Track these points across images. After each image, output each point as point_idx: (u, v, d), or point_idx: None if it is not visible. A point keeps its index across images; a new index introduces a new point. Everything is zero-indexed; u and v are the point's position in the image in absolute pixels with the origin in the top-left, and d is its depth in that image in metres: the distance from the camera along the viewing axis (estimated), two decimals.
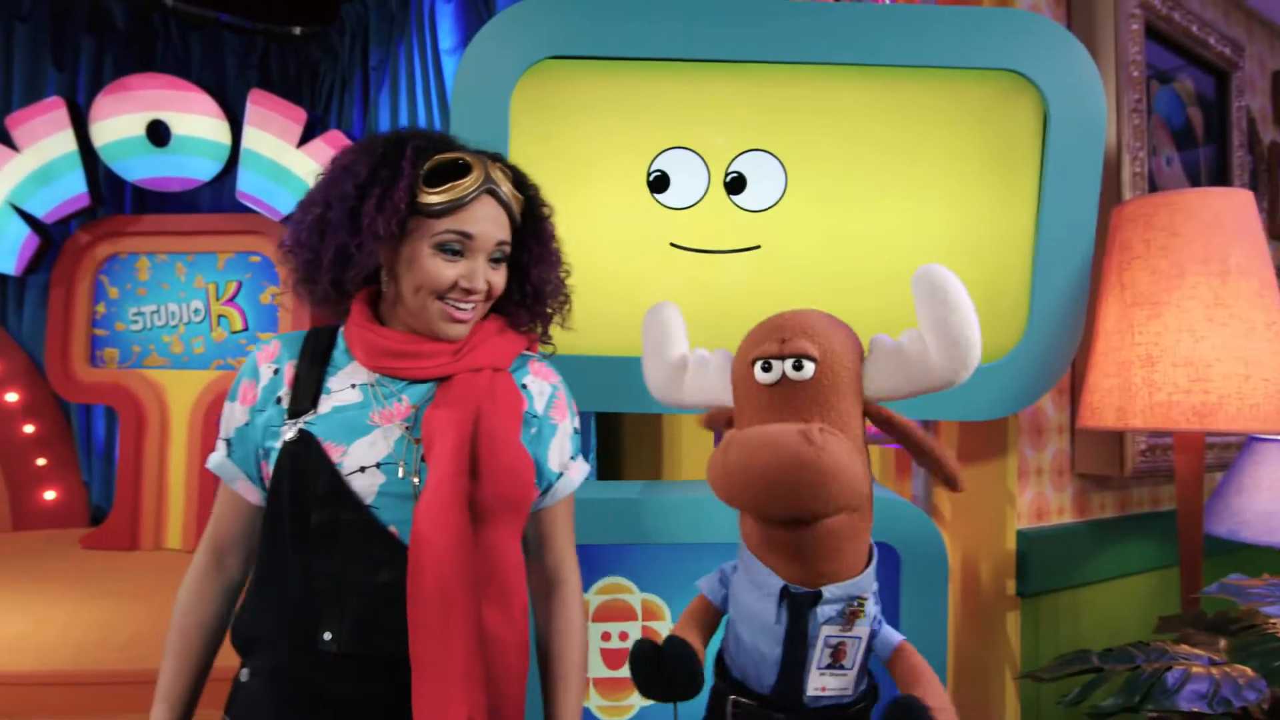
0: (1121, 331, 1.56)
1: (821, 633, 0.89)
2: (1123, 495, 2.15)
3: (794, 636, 0.90)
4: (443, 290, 1.01)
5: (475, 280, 1.02)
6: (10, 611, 3.34)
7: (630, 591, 1.56)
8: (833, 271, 1.61)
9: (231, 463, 1.05)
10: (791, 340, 0.88)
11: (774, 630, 0.91)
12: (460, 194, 1.00)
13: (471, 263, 1.02)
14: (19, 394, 5.04)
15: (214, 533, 1.08)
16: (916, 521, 1.55)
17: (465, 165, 1.02)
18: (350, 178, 0.99)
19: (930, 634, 1.54)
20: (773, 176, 1.59)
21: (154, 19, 5.35)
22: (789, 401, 0.88)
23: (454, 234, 1.00)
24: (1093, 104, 1.55)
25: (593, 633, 1.53)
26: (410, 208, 0.99)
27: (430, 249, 1.00)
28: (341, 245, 0.99)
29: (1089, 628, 2.00)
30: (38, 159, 4.49)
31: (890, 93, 1.59)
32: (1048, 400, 1.96)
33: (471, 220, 1.01)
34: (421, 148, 1.02)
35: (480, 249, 1.02)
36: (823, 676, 0.91)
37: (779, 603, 0.90)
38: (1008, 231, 1.61)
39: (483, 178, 1.02)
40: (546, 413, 1.13)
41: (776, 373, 0.88)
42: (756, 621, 0.94)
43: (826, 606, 0.90)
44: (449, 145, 1.05)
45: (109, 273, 4.81)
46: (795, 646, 0.90)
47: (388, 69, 4.39)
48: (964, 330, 0.84)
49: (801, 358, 0.87)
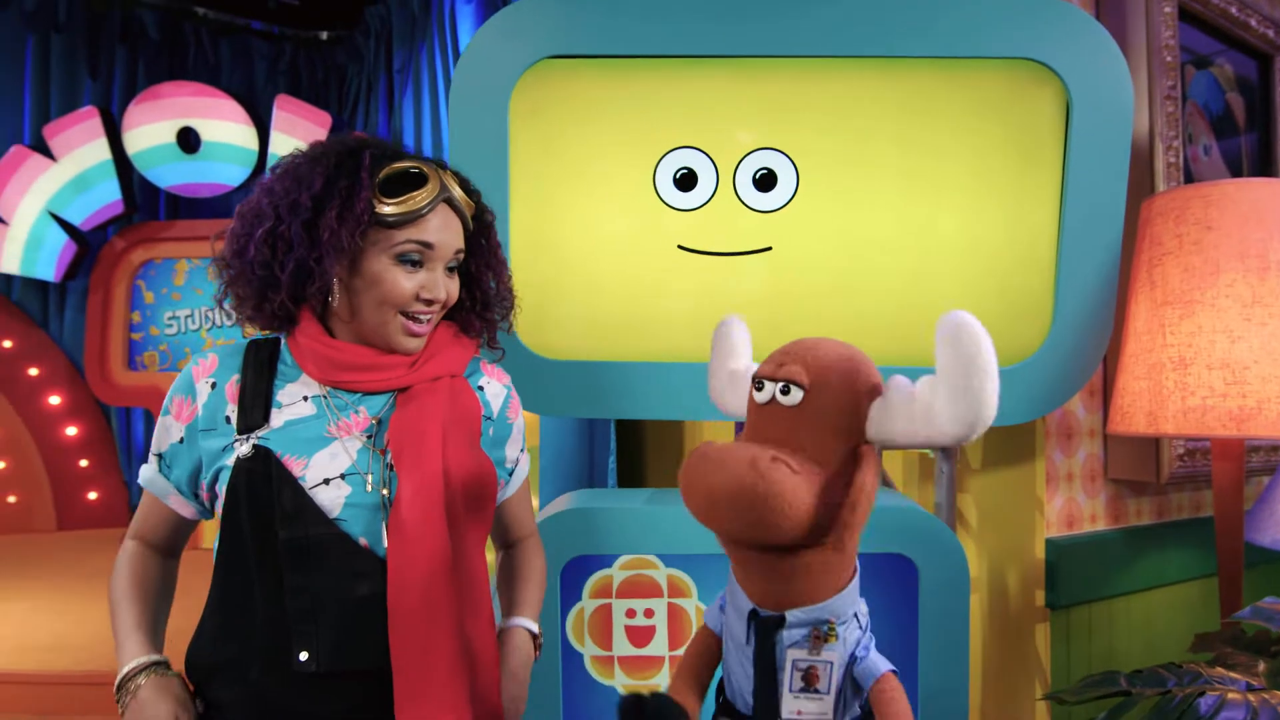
0: (1152, 332, 1.48)
1: (788, 656, 0.88)
2: (1160, 501, 2.05)
3: (762, 658, 0.90)
4: (404, 302, 0.99)
5: (436, 290, 1.00)
6: (50, 612, 3.42)
7: (655, 567, 1.52)
8: (846, 273, 1.55)
9: (164, 479, 1.03)
10: (786, 365, 0.88)
11: (745, 651, 0.92)
12: (418, 204, 0.97)
13: (431, 273, 1.00)
14: (61, 397, 5.17)
15: (141, 533, 1.06)
16: (934, 532, 1.49)
17: (421, 175, 0.99)
18: (303, 188, 0.95)
19: (951, 650, 1.48)
20: (784, 176, 1.54)
21: (185, 27, 5.43)
22: (773, 425, 0.87)
23: (414, 244, 0.98)
24: (1119, 92, 1.46)
25: (617, 610, 1.51)
26: (369, 219, 0.96)
27: (390, 260, 0.98)
28: (300, 260, 0.95)
29: (1124, 641, 1.92)
30: (74, 167, 4.59)
31: (904, 86, 1.52)
32: (1077, 403, 1.88)
33: (430, 230, 0.99)
34: (378, 157, 0.99)
35: (439, 258, 1.01)
36: (797, 700, 0.90)
37: (748, 624, 0.91)
38: (1030, 228, 1.53)
39: (439, 187, 1.00)
40: (504, 413, 1.15)
41: (767, 394, 0.88)
42: (734, 642, 0.95)
43: (792, 630, 0.89)
44: (400, 154, 1.02)
45: (145, 278, 4.90)
46: (764, 668, 0.90)
47: (410, 71, 4.39)
48: (984, 393, 0.77)
49: (790, 383, 0.86)
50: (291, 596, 0.93)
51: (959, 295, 1.54)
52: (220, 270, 1.01)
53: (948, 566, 1.48)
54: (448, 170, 1.05)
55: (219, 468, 0.98)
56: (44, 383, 5.13)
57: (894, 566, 1.49)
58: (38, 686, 2.78)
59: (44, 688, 2.78)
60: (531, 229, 1.54)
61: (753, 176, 1.54)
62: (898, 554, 1.47)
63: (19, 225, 4.62)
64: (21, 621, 3.29)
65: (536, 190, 1.54)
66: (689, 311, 1.56)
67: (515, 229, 1.52)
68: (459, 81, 1.49)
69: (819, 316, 1.54)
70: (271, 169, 1.01)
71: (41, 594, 3.67)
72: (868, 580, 1.50)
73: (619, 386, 1.53)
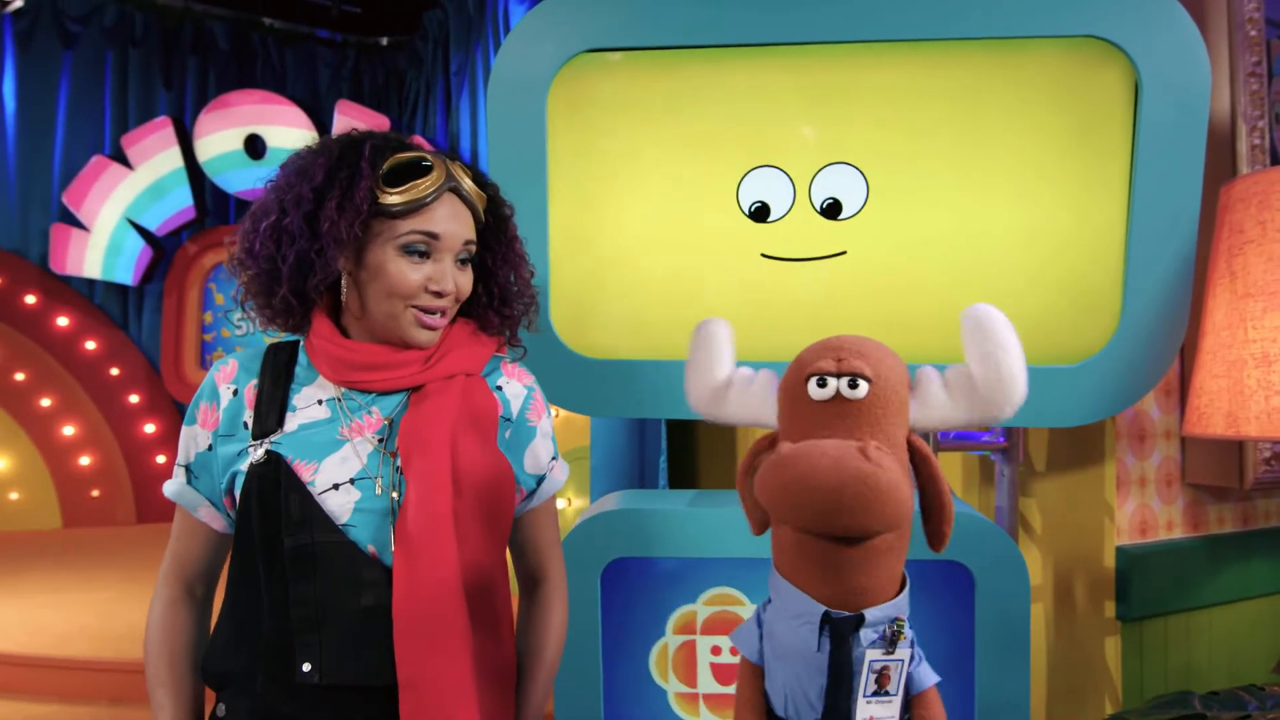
0: (1232, 326, 1.37)
1: (866, 658, 0.86)
2: (1245, 508, 1.92)
3: (838, 664, 0.87)
4: (411, 294, 0.96)
5: (444, 282, 0.97)
6: (128, 602, 3.58)
7: (741, 604, 1.49)
8: (908, 272, 1.47)
9: (193, 490, 1.01)
10: (847, 359, 0.88)
11: (815, 660, 0.88)
12: (422, 193, 0.95)
13: (439, 264, 0.97)
14: (140, 396, 5.41)
15: (178, 563, 1.04)
16: (993, 538, 1.41)
17: (426, 164, 0.97)
18: (305, 181, 0.94)
19: (1009, 664, 1.40)
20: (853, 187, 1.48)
21: (253, 37, 5.63)
22: (842, 419, 0.87)
23: (419, 234, 0.96)
24: (1194, 70, 1.36)
25: (702, 646, 1.49)
26: (371, 209, 0.94)
27: (395, 251, 0.96)
28: (301, 252, 0.94)
29: (1203, 657, 1.80)
30: (150, 176, 4.80)
31: (960, 72, 1.44)
32: (1151, 402, 1.77)
33: (436, 219, 0.96)
34: (379, 147, 0.97)
35: (447, 249, 0.98)
36: (869, 705, 0.88)
37: (820, 630, 0.88)
38: (1096, 217, 1.44)
39: (444, 175, 0.97)
40: (523, 415, 1.09)
41: (831, 389, 0.88)
42: (794, 654, 0.91)
43: (869, 630, 0.87)
44: (406, 145, 1.00)
45: (215, 280, 5.09)
46: (840, 674, 0.87)
47: (466, 73, 4.44)
48: (1012, 366, 0.88)
49: (857, 376, 0.87)
50: (296, 606, 0.92)
51: (1022, 289, 1.46)
52: (235, 270, 1.00)
53: (1006, 575, 1.40)
54: (457, 161, 1.02)
55: (234, 473, 0.97)
56: (124, 382, 5.38)
57: (949, 574, 1.42)
58: (114, 674, 2.91)
59: (120, 675, 2.90)
60: (571, 225, 1.51)
61: (822, 205, 1.48)
62: (953, 561, 1.41)
63: (100, 232, 4.85)
64: (102, 611, 3.44)
65: (576, 188, 1.51)
66: (742, 311, 1.51)
67: (554, 225, 1.49)
68: (497, 76, 1.48)
69: (881, 318, 1.47)
70: (281, 166, 1.00)
71: (121, 585, 3.84)
72: (921, 589, 1.44)
73: (665, 386, 1.49)
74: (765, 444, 0.97)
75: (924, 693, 0.90)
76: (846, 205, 1.47)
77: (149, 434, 5.44)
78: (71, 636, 3.11)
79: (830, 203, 1.48)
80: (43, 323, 5.16)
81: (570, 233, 1.51)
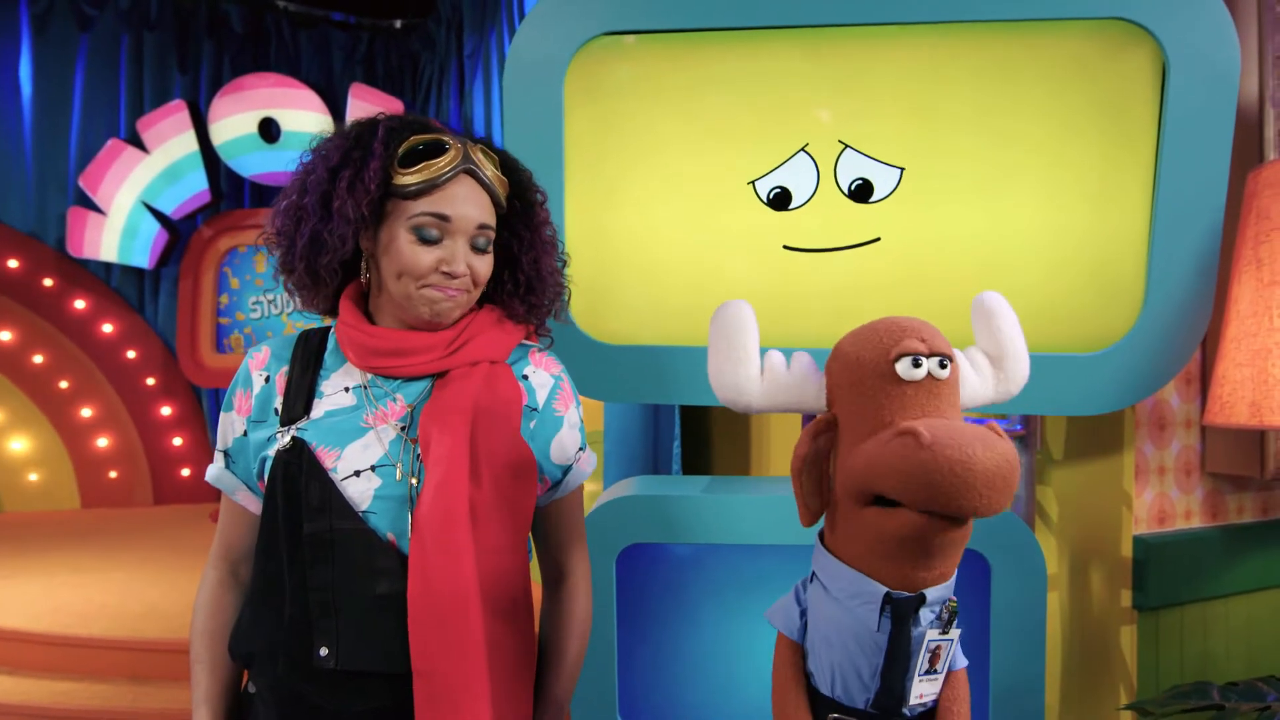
0: (1258, 314, 1.35)
1: (925, 637, 0.87)
2: (1265, 497, 1.90)
3: (898, 643, 0.87)
4: (422, 274, 0.96)
5: (455, 264, 0.96)
6: (145, 581, 3.62)
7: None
8: (930, 262, 1.45)
9: (231, 474, 1.03)
10: (931, 340, 0.87)
11: (873, 640, 0.89)
12: (435, 173, 0.95)
13: (451, 246, 0.97)
14: (156, 379, 5.46)
15: (224, 545, 1.06)
16: (1010, 527, 1.41)
17: (442, 145, 0.97)
18: (324, 163, 0.96)
19: (1025, 653, 1.40)
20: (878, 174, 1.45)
21: (267, 20, 5.62)
22: (933, 399, 0.86)
23: (430, 216, 0.95)
24: (1222, 52, 1.33)
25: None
26: (384, 189, 0.95)
27: (407, 232, 0.96)
28: (314, 231, 0.95)
29: (1221, 647, 1.79)
30: (165, 159, 4.81)
31: (983, 55, 1.42)
32: (1172, 391, 1.75)
33: (448, 201, 0.96)
34: (395, 128, 0.97)
35: (459, 231, 0.97)
36: (921, 683, 0.89)
37: (881, 610, 0.88)
38: (1119, 204, 1.42)
39: (460, 157, 0.97)
40: (550, 404, 1.08)
41: (924, 370, 0.86)
42: (848, 634, 0.91)
43: (928, 610, 0.88)
44: (426, 127, 1.00)
45: (230, 264, 5.11)
46: (899, 654, 0.88)
47: (480, 56, 4.42)
48: (1021, 345, 0.96)
49: (946, 357, 0.87)
50: (314, 591, 0.93)
51: (1045, 275, 1.44)
52: (271, 250, 1.03)
53: (1022, 562, 1.40)
54: (478, 144, 1.01)
55: (264, 458, 0.99)
56: (141, 365, 5.43)
57: (966, 562, 1.41)
58: (132, 652, 2.95)
59: (138, 653, 2.95)
60: (589, 213, 1.50)
61: (850, 187, 1.46)
62: (970, 549, 1.40)
63: (116, 215, 4.87)
64: (120, 590, 3.49)
65: (594, 174, 1.50)
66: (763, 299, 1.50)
67: (571, 210, 1.49)
68: (513, 59, 1.47)
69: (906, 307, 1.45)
70: (308, 148, 1.02)
71: (138, 565, 3.89)
72: None
73: (683, 372, 1.49)
74: (823, 426, 0.93)
75: (956, 673, 0.92)
76: (879, 187, 1.45)
77: (165, 416, 5.49)
78: (90, 616, 3.15)
79: (859, 184, 1.45)
80: (60, 305, 5.20)
81: (587, 218, 1.50)
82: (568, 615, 1.11)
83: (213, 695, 1.02)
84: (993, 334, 0.96)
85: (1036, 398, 1.45)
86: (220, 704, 1.02)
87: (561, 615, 1.11)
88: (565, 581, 1.13)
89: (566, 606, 1.11)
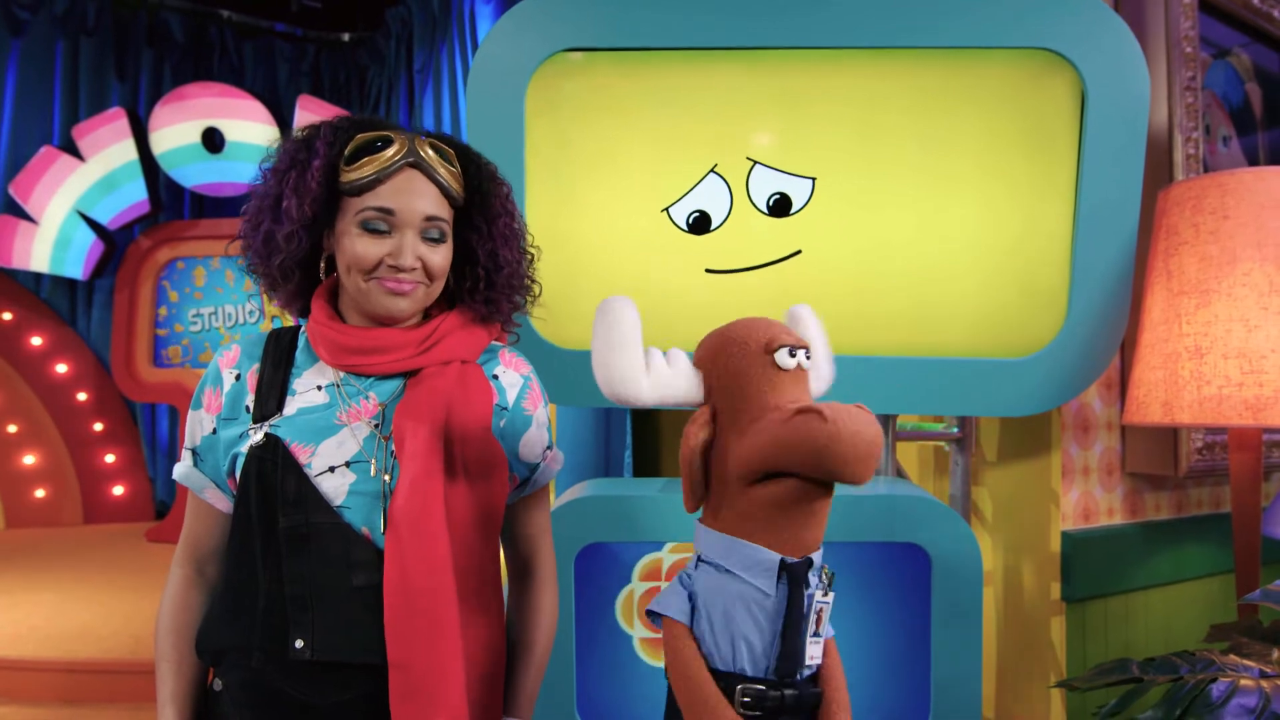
0: (1168, 321, 1.47)
1: (814, 600, 0.94)
2: (1179, 496, 2.04)
3: (794, 607, 0.94)
4: (368, 268, 0.98)
5: (402, 257, 0.97)
6: (77, 602, 3.49)
7: None
8: (862, 272, 1.54)
9: (199, 472, 1.04)
10: (793, 334, 0.97)
11: (769, 606, 0.94)
12: (379, 167, 0.97)
13: (399, 239, 0.98)
14: (88, 394, 5.27)
15: (190, 544, 1.06)
16: (948, 522, 1.49)
17: (387, 140, 0.99)
18: (274, 167, 1.00)
19: (963, 641, 1.48)
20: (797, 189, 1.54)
21: (210, 30, 5.53)
22: (799, 386, 0.95)
23: (374, 210, 0.97)
24: (1135, 82, 1.46)
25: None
26: (330, 188, 0.98)
27: (355, 227, 0.98)
28: (267, 233, 0.99)
29: (1141, 635, 1.91)
30: (102, 168, 4.68)
31: (917, 79, 1.52)
32: (1095, 395, 1.87)
33: (392, 194, 0.98)
34: (342, 128, 1.00)
35: (406, 224, 0.98)
36: (812, 645, 0.95)
37: (778, 576, 0.94)
38: (1044, 219, 1.53)
39: (405, 150, 0.98)
40: (519, 404, 1.11)
41: (796, 360, 0.95)
42: (742, 605, 0.96)
43: (813, 574, 0.95)
44: (373, 125, 1.02)
45: (169, 276, 4.98)
46: (793, 618, 0.94)
47: (430, 71, 4.44)
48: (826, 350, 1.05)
49: (808, 350, 0.96)
50: (290, 584, 0.94)
51: (975, 286, 1.54)
52: (241, 256, 1.05)
53: (961, 556, 1.48)
54: (428, 139, 1.03)
55: (235, 455, 0.99)
56: (72, 380, 5.24)
57: (907, 556, 1.49)
58: (65, 674, 2.85)
59: (71, 675, 2.85)
60: (548, 220, 1.55)
61: (767, 202, 1.54)
62: (911, 544, 1.48)
63: (48, 224, 4.71)
64: (50, 612, 3.35)
65: (553, 183, 1.55)
66: (709, 305, 1.57)
67: (531, 220, 1.53)
68: (476, 74, 1.51)
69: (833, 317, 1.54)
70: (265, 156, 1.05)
71: (69, 586, 3.74)
72: (881, 570, 1.51)
73: None
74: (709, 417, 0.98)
75: (829, 639, 0.99)
76: (796, 199, 1.54)
77: (97, 432, 5.30)
78: (21, 637, 3.03)
79: (778, 198, 1.53)
80: None
81: (546, 225, 1.55)
82: (535, 609, 1.13)
83: (179, 694, 1.01)
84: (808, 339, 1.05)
85: (971, 399, 1.56)
86: (186, 702, 1.02)
87: (529, 609, 1.13)
88: (533, 576, 1.15)
89: (534, 600, 1.13)
